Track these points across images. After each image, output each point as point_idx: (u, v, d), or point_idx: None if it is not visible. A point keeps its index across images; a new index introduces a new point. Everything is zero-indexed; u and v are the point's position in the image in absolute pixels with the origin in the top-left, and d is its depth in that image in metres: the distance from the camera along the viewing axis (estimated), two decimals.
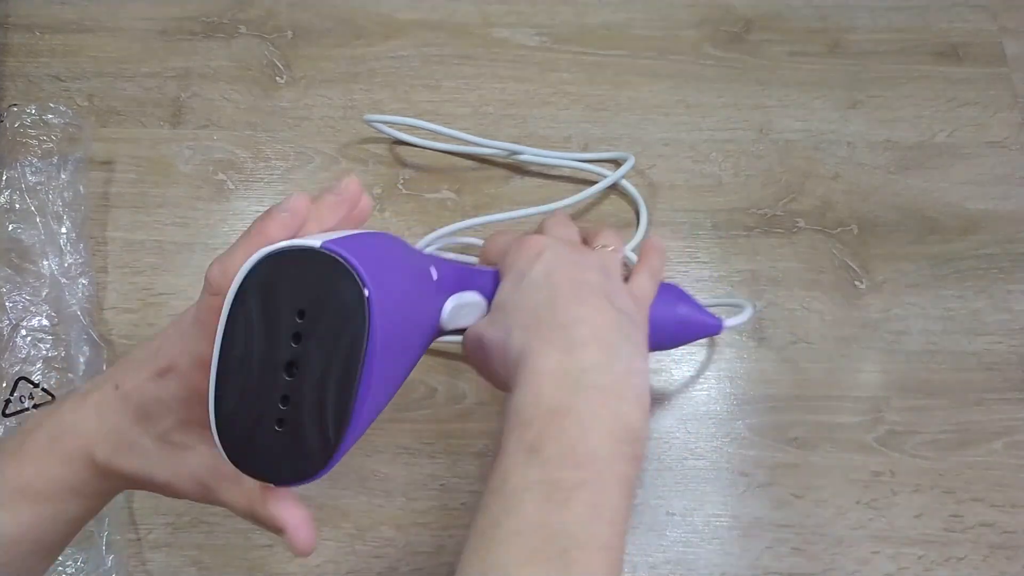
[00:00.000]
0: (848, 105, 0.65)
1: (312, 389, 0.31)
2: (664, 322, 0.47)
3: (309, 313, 0.31)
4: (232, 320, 0.31)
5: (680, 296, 0.49)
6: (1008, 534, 0.52)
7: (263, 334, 0.31)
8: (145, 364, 0.36)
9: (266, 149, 0.63)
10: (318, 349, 0.31)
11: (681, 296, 0.49)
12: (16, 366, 0.53)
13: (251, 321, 0.31)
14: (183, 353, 0.35)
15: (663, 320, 0.47)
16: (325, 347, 0.31)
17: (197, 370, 0.34)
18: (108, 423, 0.36)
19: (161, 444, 0.36)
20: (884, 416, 0.55)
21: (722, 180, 0.62)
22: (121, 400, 0.36)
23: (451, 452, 0.54)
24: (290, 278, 0.31)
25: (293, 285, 0.31)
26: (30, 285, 0.56)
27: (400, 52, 0.67)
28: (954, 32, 0.68)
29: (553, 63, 0.67)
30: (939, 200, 0.62)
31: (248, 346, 0.31)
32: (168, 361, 0.35)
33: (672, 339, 0.50)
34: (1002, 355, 0.57)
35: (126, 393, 0.36)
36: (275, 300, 0.31)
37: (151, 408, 0.36)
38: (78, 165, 0.59)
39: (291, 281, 0.31)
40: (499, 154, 0.62)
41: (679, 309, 0.48)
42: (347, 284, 0.31)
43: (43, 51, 0.66)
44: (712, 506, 0.53)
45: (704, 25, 0.68)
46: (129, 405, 0.36)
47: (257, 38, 0.67)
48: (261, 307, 0.31)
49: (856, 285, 0.59)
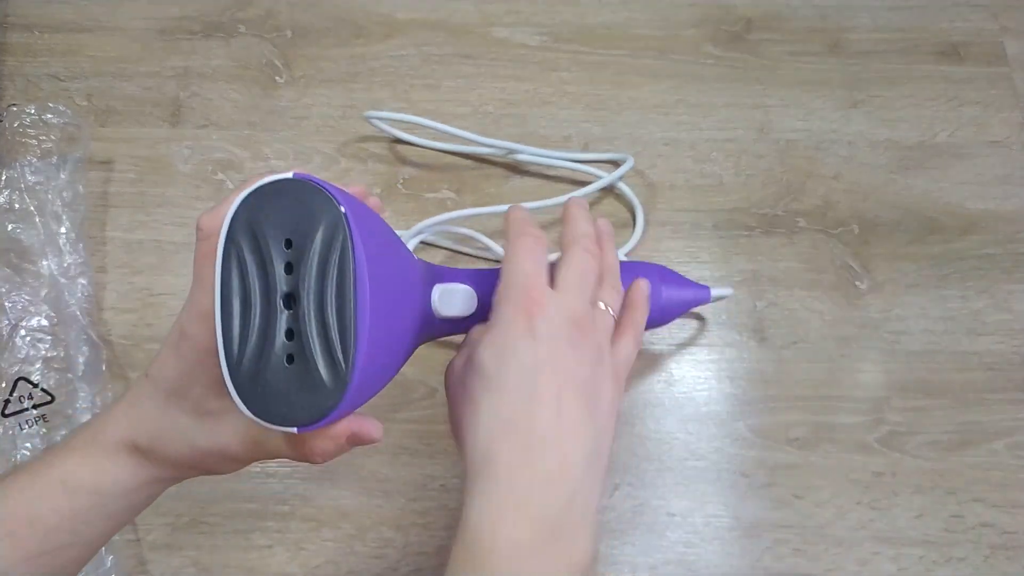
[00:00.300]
0: (849, 105, 0.65)
1: (314, 316, 0.31)
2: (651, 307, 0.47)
3: (295, 242, 0.32)
4: (226, 265, 0.32)
5: (664, 276, 0.49)
6: (1009, 535, 0.52)
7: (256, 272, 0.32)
8: (165, 344, 0.37)
9: (265, 148, 0.63)
10: (309, 274, 0.31)
11: (665, 276, 0.49)
12: (15, 366, 0.53)
13: (243, 262, 0.32)
14: (189, 315, 0.36)
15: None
16: (316, 271, 0.31)
17: (204, 326, 0.35)
18: (144, 410, 0.37)
19: (199, 416, 0.37)
20: (885, 416, 0.55)
21: (723, 180, 0.62)
22: (151, 385, 0.37)
23: (451, 452, 0.54)
24: (271, 211, 0.32)
25: (274, 217, 0.32)
26: (29, 285, 0.55)
27: (400, 51, 0.67)
28: (955, 32, 0.68)
29: (553, 62, 0.66)
30: (940, 200, 0.62)
31: (244, 288, 0.31)
32: (179, 329, 0.36)
33: (662, 319, 0.50)
34: (1003, 355, 0.57)
35: (153, 377, 0.37)
36: (262, 235, 0.32)
37: (178, 383, 0.36)
38: (77, 165, 0.59)
39: (272, 213, 0.32)
40: (497, 153, 0.62)
41: (663, 294, 0.49)
42: (323, 203, 0.32)
43: (42, 51, 0.66)
44: (713, 506, 0.53)
45: (704, 25, 0.68)
46: (159, 387, 0.37)
47: (256, 37, 0.67)
48: (250, 245, 0.32)
49: (857, 285, 0.59)
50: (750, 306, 0.58)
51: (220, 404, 0.36)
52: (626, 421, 0.55)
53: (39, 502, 0.36)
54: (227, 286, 0.32)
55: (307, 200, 0.32)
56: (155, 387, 0.37)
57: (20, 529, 0.36)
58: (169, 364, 0.36)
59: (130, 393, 0.38)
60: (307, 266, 0.31)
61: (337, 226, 0.32)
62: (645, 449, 0.54)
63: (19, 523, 0.36)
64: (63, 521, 0.36)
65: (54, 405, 0.53)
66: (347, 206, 0.32)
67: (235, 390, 0.32)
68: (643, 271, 0.49)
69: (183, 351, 0.36)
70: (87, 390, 0.54)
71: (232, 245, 0.32)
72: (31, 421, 0.52)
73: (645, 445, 0.54)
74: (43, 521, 0.36)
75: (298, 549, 0.52)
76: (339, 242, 0.31)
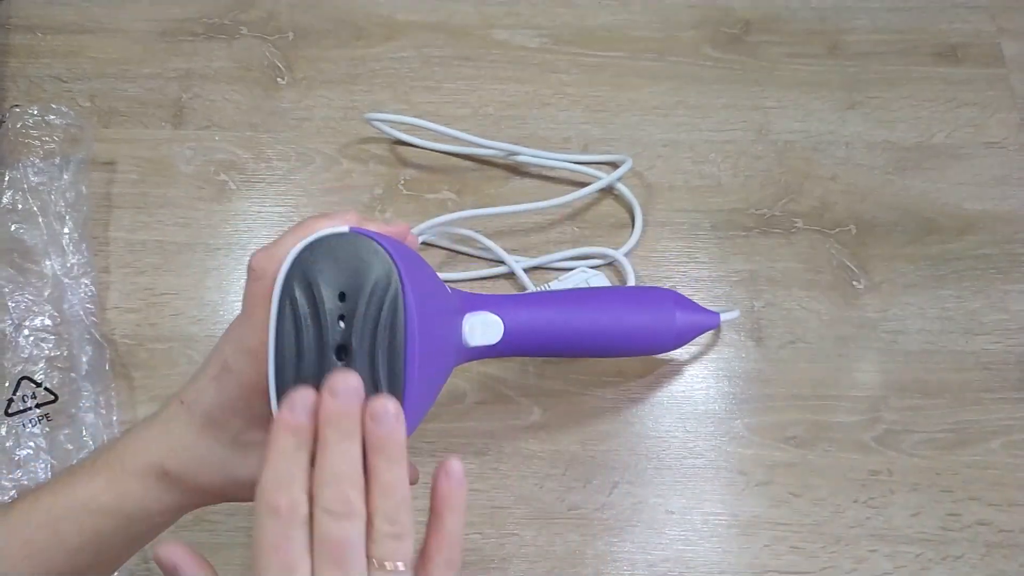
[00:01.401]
0: (847, 106, 0.65)
1: (364, 368, 0.33)
2: (663, 329, 0.50)
3: (349, 295, 0.33)
4: (281, 312, 0.33)
5: (677, 302, 0.51)
6: (1005, 533, 0.52)
7: (311, 323, 0.33)
8: (203, 373, 0.37)
9: (267, 150, 0.63)
10: (364, 329, 0.33)
11: (678, 301, 0.51)
12: (19, 366, 0.54)
13: (298, 312, 0.33)
14: (234, 350, 0.36)
15: (662, 327, 0.50)
16: (370, 326, 0.33)
17: (249, 363, 0.35)
18: (176, 437, 0.37)
19: (236, 447, 0.37)
20: (882, 415, 0.55)
21: (721, 181, 0.63)
22: (186, 412, 0.37)
23: (451, 452, 0.54)
24: (326, 264, 0.33)
25: (330, 270, 0.33)
26: (32, 285, 0.56)
27: (400, 53, 0.67)
28: (952, 33, 0.68)
29: (553, 64, 0.67)
30: (937, 200, 0.62)
31: (298, 337, 0.33)
32: (221, 362, 0.36)
33: (675, 343, 0.52)
34: (999, 355, 0.57)
35: (190, 405, 0.37)
36: (317, 287, 0.33)
37: (215, 414, 0.36)
38: (80, 166, 0.60)
39: (328, 266, 0.33)
40: (497, 154, 0.63)
41: (677, 317, 0.51)
42: (377, 259, 0.33)
43: (45, 52, 0.66)
44: (711, 504, 0.53)
45: (703, 26, 0.69)
46: (195, 416, 0.37)
47: (258, 39, 0.67)
48: (305, 297, 0.33)
49: (854, 285, 0.59)
50: (748, 306, 0.58)
51: (259, 436, 0.36)
52: (625, 420, 0.55)
53: (64, 523, 0.36)
54: (281, 335, 0.33)
55: (362, 255, 0.33)
56: (190, 415, 0.37)
57: (44, 550, 0.36)
58: (208, 394, 0.36)
59: (161, 417, 0.38)
60: (361, 320, 0.33)
61: (391, 283, 0.33)
62: (643, 447, 0.54)
63: (43, 544, 0.36)
64: (86, 543, 0.36)
65: (57, 404, 0.53)
66: (399, 259, 0.33)
67: None
68: (658, 296, 0.51)
69: (225, 384, 0.36)
70: (90, 389, 0.54)
71: (287, 294, 0.33)
72: (34, 420, 0.53)
73: (643, 443, 0.55)
74: (67, 543, 0.36)
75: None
76: (392, 299, 0.33)
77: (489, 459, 0.54)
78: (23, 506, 0.37)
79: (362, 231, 0.34)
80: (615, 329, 0.49)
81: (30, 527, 0.36)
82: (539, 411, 0.55)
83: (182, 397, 0.37)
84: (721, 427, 0.55)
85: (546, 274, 0.59)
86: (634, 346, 0.51)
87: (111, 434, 0.53)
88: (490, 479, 0.53)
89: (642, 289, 0.52)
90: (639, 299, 0.51)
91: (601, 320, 0.48)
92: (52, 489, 0.37)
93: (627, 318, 0.49)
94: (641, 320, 0.50)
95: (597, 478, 0.54)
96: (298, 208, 0.61)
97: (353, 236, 0.33)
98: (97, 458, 0.38)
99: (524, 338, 0.44)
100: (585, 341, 0.48)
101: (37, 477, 0.51)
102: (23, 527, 0.36)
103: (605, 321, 0.48)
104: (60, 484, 0.37)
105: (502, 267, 0.59)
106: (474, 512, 0.52)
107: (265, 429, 0.35)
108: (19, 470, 0.51)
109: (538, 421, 0.55)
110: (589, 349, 0.51)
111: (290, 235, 0.35)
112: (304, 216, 0.60)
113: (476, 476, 0.53)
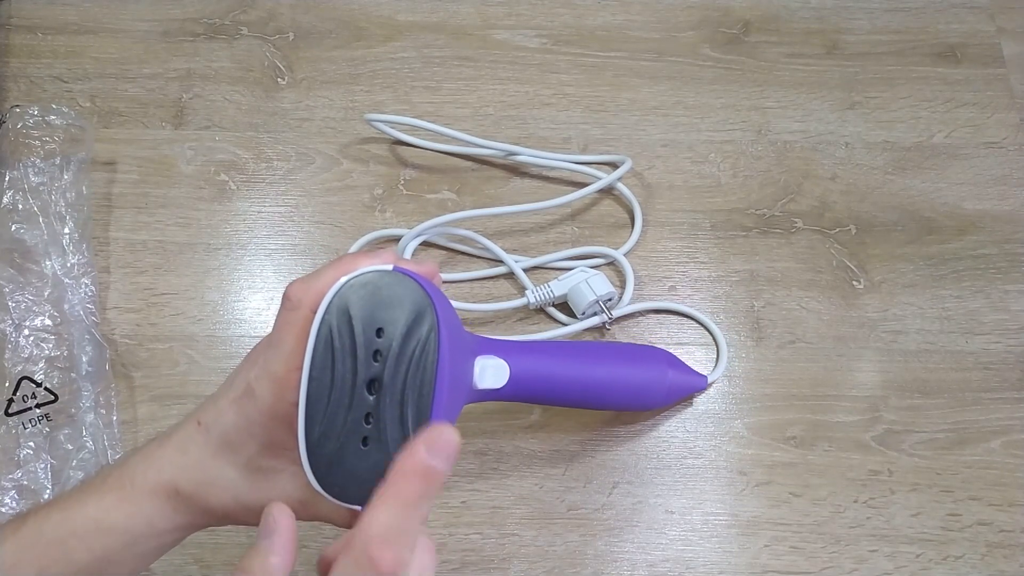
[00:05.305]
0: (846, 106, 0.66)
1: (394, 404, 0.33)
2: (655, 387, 0.52)
3: (387, 331, 0.34)
4: (317, 344, 0.33)
5: (671, 362, 0.53)
6: (1005, 533, 0.52)
7: (347, 358, 0.33)
8: (223, 394, 0.37)
9: (268, 150, 0.63)
10: (396, 365, 0.33)
11: (672, 362, 0.53)
12: (19, 365, 0.54)
13: (333, 346, 0.33)
14: (259, 374, 0.35)
15: (654, 385, 0.52)
16: (404, 364, 0.33)
17: (273, 389, 0.35)
18: (191, 457, 0.37)
19: (250, 472, 0.37)
20: (882, 415, 0.55)
21: (720, 181, 0.63)
22: (203, 434, 0.37)
23: None
24: (367, 300, 0.34)
25: (370, 306, 0.34)
26: (33, 285, 0.56)
27: (400, 54, 0.67)
28: (952, 33, 0.68)
29: (552, 65, 0.67)
30: (936, 200, 0.62)
31: (334, 369, 0.33)
32: (244, 386, 0.36)
33: (664, 401, 0.54)
34: (999, 355, 0.57)
35: (207, 426, 0.37)
36: (356, 322, 0.33)
37: (232, 437, 0.36)
38: (81, 166, 0.60)
39: (368, 302, 0.34)
40: (497, 155, 0.63)
41: (668, 376, 0.52)
42: (418, 300, 0.34)
43: (45, 52, 0.66)
44: (711, 504, 0.53)
45: (702, 27, 0.69)
46: (211, 438, 0.36)
47: (259, 39, 0.67)
48: (342, 330, 0.33)
49: (854, 285, 0.59)
50: (748, 306, 0.58)
51: (274, 463, 0.36)
52: (624, 420, 0.55)
53: (73, 540, 0.36)
54: (315, 365, 0.33)
55: (404, 294, 0.34)
56: (207, 436, 0.37)
57: (53, 566, 0.36)
58: (227, 417, 0.36)
59: (176, 437, 0.37)
60: (395, 358, 0.33)
61: (428, 324, 0.34)
62: (643, 447, 0.54)
63: (52, 560, 0.36)
64: (94, 561, 0.36)
65: (57, 404, 0.53)
66: (436, 301, 0.34)
67: (310, 468, 0.34)
68: (651, 355, 0.53)
69: (246, 408, 0.36)
70: (90, 389, 0.54)
71: (327, 325, 0.33)
72: (34, 420, 0.53)
73: (643, 443, 0.55)
74: (76, 561, 0.36)
75: (300, 547, 0.52)
76: (428, 340, 0.34)
77: (489, 459, 0.54)
78: (34, 523, 0.37)
79: (404, 271, 0.34)
80: (612, 382, 0.50)
81: (40, 544, 0.36)
82: (539, 411, 0.55)
83: (199, 418, 0.37)
84: (721, 427, 0.55)
85: (546, 274, 0.59)
86: (627, 400, 0.53)
87: (111, 434, 0.53)
88: (490, 479, 0.53)
89: (636, 347, 0.54)
90: (634, 356, 0.53)
91: (599, 372, 0.50)
92: (62, 506, 0.37)
93: (623, 372, 0.51)
94: (635, 375, 0.51)
95: (597, 478, 0.54)
96: (298, 208, 0.61)
97: (396, 275, 0.34)
98: (108, 476, 0.38)
99: (526, 386, 0.45)
100: (584, 392, 0.49)
101: (37, 477, 0.51)
102: (34, 544, 0.36)
103: (602, 374, 0.50)
104: (71, 501, 0.37)
105: (502, 267, 0.59)
106: (474, 512, 0.53)
107: (284, 457, 0.35)
108: (19, 470, 0.51)
109: (538, 421, 0.55)
110: (586, 400, 0.51)
111: (331, 268, 0.35)
112: (304, 216, 0.61)
113: (475, 476, 0.53)
